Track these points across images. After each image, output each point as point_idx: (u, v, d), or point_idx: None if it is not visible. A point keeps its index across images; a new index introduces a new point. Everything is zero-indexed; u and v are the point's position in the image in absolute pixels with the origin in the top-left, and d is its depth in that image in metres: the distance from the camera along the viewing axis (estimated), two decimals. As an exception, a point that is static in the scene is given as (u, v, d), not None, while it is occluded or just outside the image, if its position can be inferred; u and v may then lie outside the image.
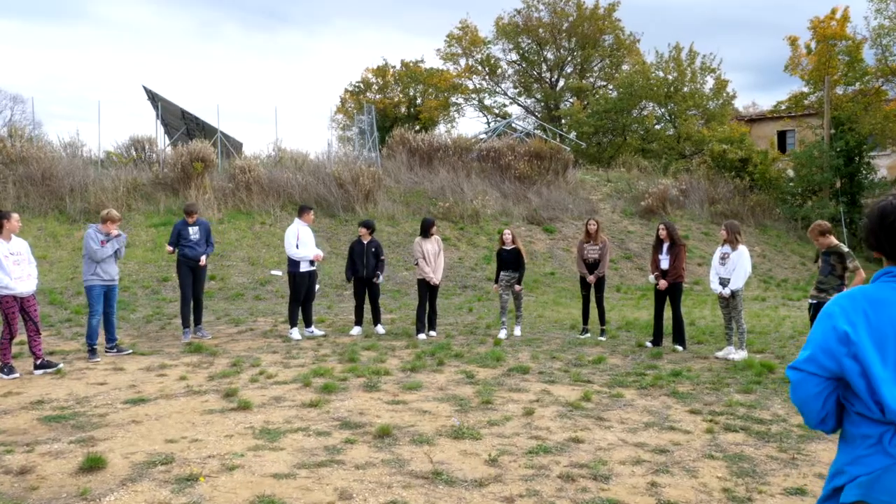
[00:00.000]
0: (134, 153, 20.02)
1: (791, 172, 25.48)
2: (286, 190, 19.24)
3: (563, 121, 35.52)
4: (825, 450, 5.23)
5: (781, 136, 34.01)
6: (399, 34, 76.10)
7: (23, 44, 77.67)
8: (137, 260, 15.22)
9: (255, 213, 18.35)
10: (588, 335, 10.37)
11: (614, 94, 33.26)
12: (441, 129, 37.97)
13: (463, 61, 38.85)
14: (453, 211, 19.84)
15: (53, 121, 75.57)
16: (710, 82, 31.82)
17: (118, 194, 17.26)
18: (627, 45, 35.56)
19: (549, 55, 38.16)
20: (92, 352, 8.17)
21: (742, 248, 9.05)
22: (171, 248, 9.81)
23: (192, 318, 9.71)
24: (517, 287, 10.27)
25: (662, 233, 9.75)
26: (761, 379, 7.53)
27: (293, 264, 9.67)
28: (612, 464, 4.80)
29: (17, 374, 7.22)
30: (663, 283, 9.52)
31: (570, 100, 37.10)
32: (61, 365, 7.63)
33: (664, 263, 9.65)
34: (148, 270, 15.02)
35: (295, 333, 9.80)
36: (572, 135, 34.60)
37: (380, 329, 10.45)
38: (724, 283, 9.08)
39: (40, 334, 7.52)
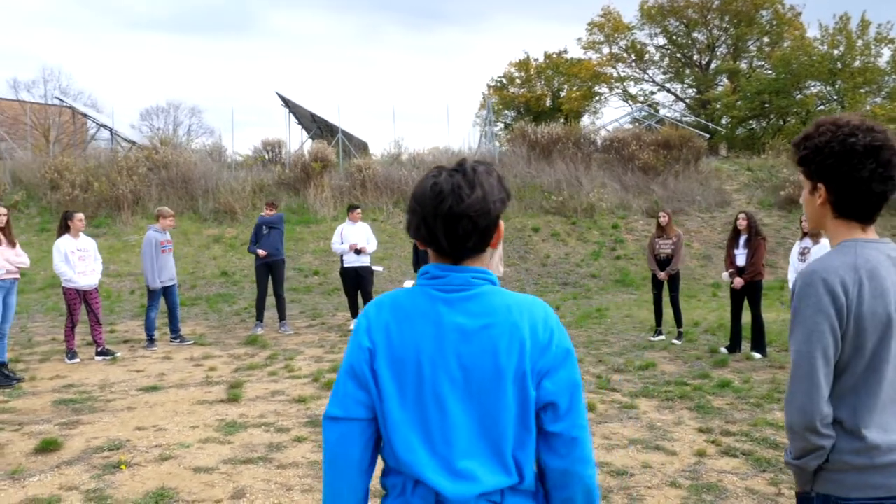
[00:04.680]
0: (265, 155, 21.45)
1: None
2: (399, 187, 19.63)
3: (716, 105, 32.98)
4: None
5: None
6: (553, 26, 74.91)
7: (207, 56, 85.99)
8: (253, 257, 16.23)
9: (369, 210, 18.88)
10: (661, 337, 9.53)
11: (772, 74, 30.34)
12: (585, 120, 36.94)
13: (605, 49, 37.40)
14: (567, 205, 19.15)
15: (238, 127, 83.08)
16: (886, 54, 28.10)
17: (244, 194, 18.57)
18: (788, 20, 32.25)
19: (700, 37, 35.63)
20: (150, 341, 8.82)
21: (825, 241, 7.83)
22: (262, 252, 9.96)
23: (264, 313, 10.21)
24: None
25: (742, 223, 8.69)
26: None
27: (339, 259, 9.97)
28: (548, 483, 4.32)
29: (77, 360, 7.97)
30: (739, 282, 8.50)
31: (723, 83, 34.42)
32: (119, 354, 8.31)
33: (740, 259, 8.61)
34: (260, 265, 15.98)
35: (352, 324, 10.13)
36: (724, 121, 32.13)
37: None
38: (808, 282, 7.92)
39: (101, 325, 8.24)
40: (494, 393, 1.47)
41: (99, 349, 8.18)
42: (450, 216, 1.47)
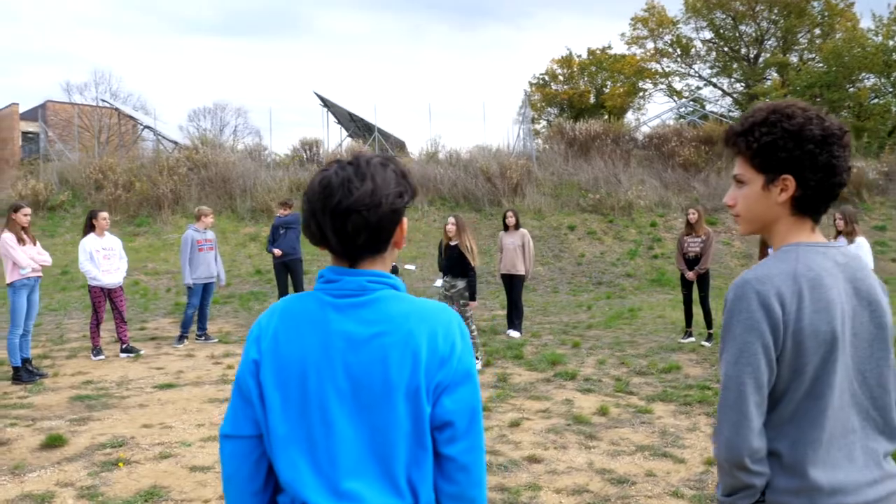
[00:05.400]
0: (303, 154, 21.69)
1: None
2: (435, 185, 19.58)
3: (765, 99, 31.93)
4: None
5: None
6: (596, 21, 73.92)
7: (254, 58, 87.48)
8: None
9: (403, 209, 18.91)
10: (691, 339, 9.23)
11: (823, 66, 29.27)
12: (629, 116, 36.27)
13: (650, 44, 36.66)
14: (604, 203, 18.81)
15: (281, 127, 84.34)
16: (946, 44, 26.76)
17: (281, 193, 18.75)
18: (839, 11, 31.04)
19: (748, 30, 34.60)
20: (179, 338, 8.96)
21: (861, 241, 7.46)
22: (279, 252, 10.01)
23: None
24: (465, 306, 7.48)
25: None
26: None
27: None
28: (543, 491, 4.19)
29: (103, 357, 8.14)
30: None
31: (772, 77, 33.37)
32: (143, 351, 8.45)
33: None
34: (294, 264, 16.13)
35: None
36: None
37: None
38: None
39: (125, 322, 8.40)
40: (384, 407, 1.36)
41: (123, 346, 8.33)
42: (338, 211, 1.37)
